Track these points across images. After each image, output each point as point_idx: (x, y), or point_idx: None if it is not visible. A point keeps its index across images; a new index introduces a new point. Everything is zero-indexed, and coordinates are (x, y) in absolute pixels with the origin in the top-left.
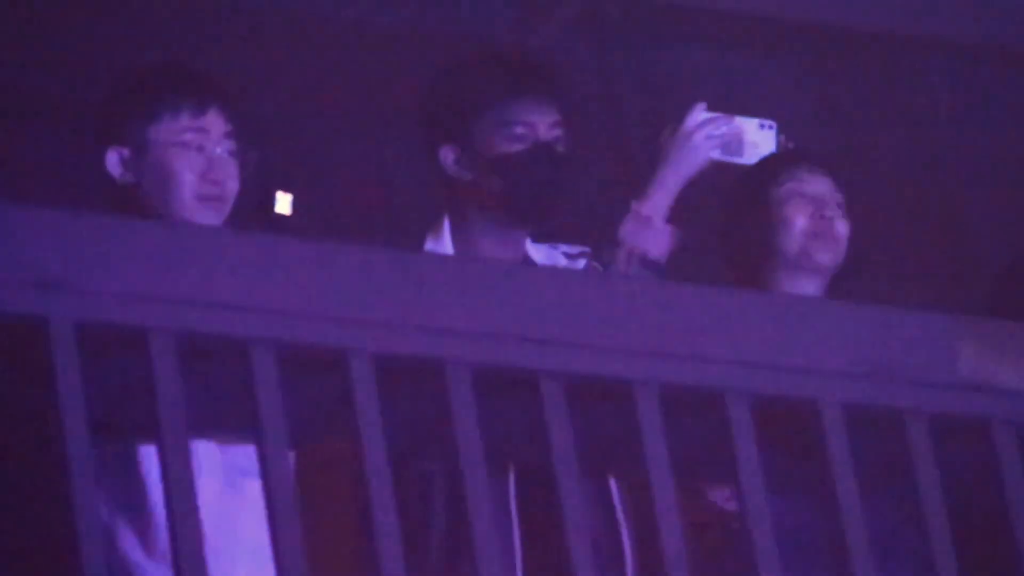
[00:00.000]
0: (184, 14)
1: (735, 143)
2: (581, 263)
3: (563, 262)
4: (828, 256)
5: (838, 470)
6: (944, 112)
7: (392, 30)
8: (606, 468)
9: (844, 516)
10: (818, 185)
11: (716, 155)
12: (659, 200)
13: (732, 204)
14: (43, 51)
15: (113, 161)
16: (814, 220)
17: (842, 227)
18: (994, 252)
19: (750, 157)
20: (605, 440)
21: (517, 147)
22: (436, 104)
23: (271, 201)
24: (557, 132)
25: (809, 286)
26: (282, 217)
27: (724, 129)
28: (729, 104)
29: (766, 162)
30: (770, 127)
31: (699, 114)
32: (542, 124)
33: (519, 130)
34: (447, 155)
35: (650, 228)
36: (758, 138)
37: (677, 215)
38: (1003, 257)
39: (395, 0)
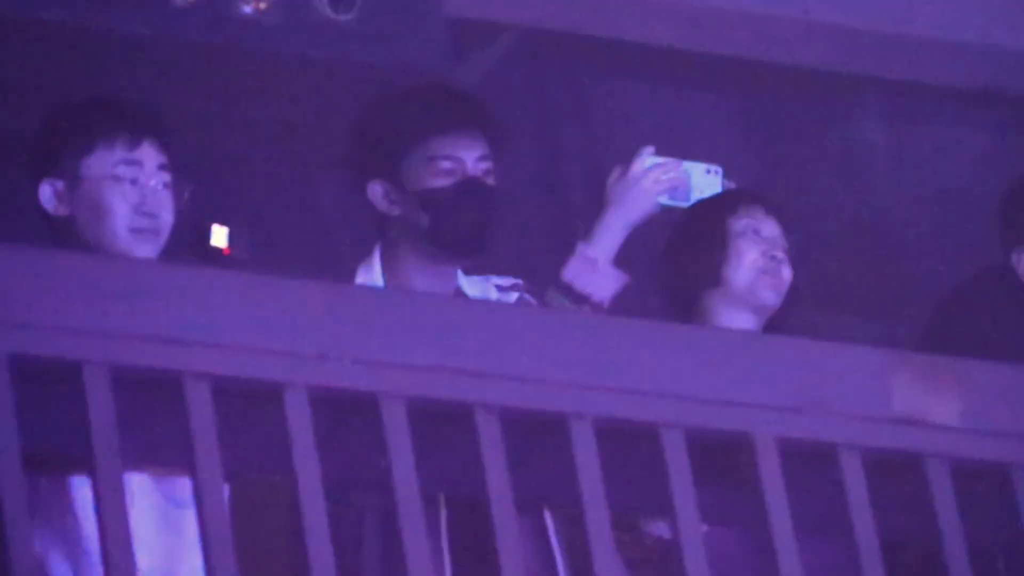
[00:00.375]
0: (120, 48)
1: (682, 188)
2: (513, 296)
3: (495, 295)
4: (772, 296)
5: (771, 503)
6: (880, 147)
7: (327, 63)
8: (541, 501)
9: (778, 549)
10: (771, 228)
11: (663, 199)
12: (606, 242)
13: (682, 231)
14: None
15: (47, 194)
16: (765, 259)
17: (787, 272)
18: (929, 286)
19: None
20: (540, 473)
21: (444, 182)
22: (364, 139)
23: (206, 234)
24: (486, 165)
25: (748, 322)
26: (217, 250)
27: (672, 174)
28: (665, 139)
29: (724, 196)
30: (716, 172)
31: (646, 158)
32: (470, 158)
33: (446, 164)
34: (376, 190)
35: (596, 270)
36: (704, 183)
37: (621, 258)
38: (938, 291)
39: (331, 33)
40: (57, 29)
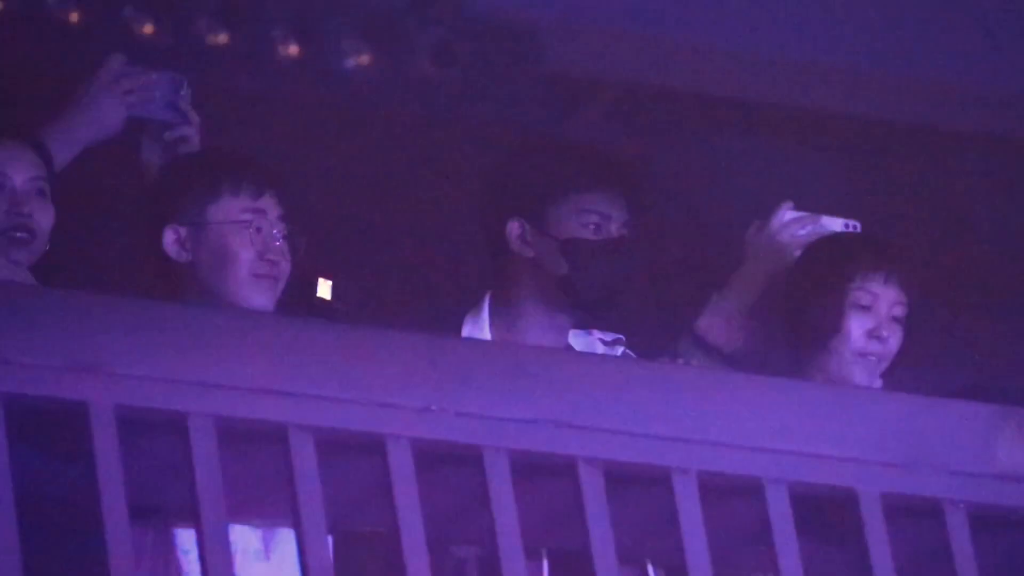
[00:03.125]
0: (229, 102)
1: None
2: (619, 350)
3: (600, 349)
4: (866, 378)
5: (876, 558)
6: (980, 201)
7: (430, 119)
8: (644, 554)
9: None
10: (889, 297)
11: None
12: (741, 295)
13: (801, 287)
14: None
15: (170, 240)
16: (868, 339)
17: (894, 342)
18: None
19: None
20: (643, 526)
21: (589, 236)
22: (511, 178)
23: (313, 286)
24: (625, 231)
25: (860, 377)
26: (324, 302)
27: (810, 228)
28: (771, 195)
29: (847, 257)
30: (854, 227)
31: (786, 213)
32: (616, 220)
33: (595, 220)
34: (513, 229)
35: (729, 322)
36: None
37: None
38: None
39: (434, 89)
40: None
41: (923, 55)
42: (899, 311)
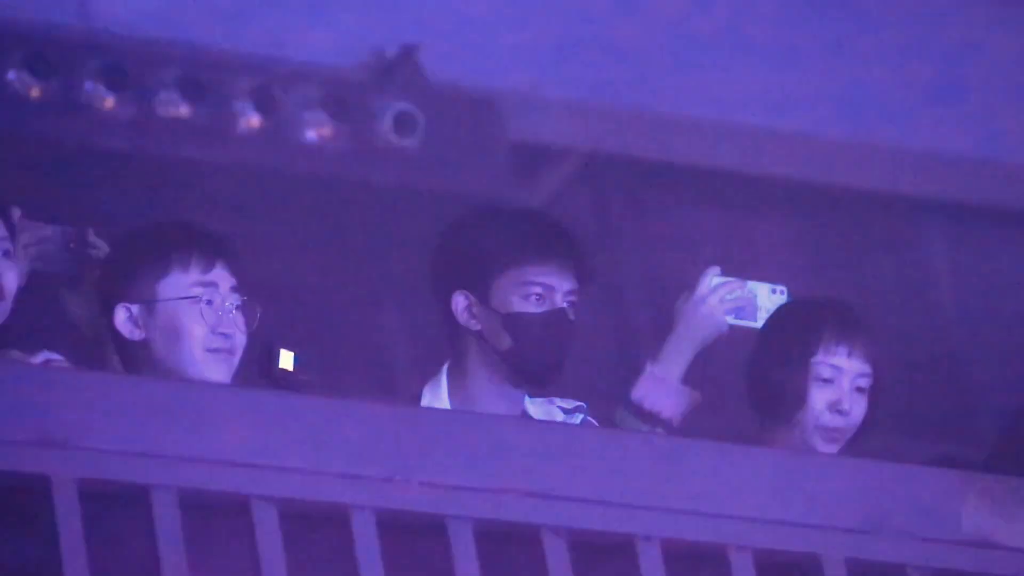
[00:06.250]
0: (184, 175)
1: (748, 307)
2: (578, 418)
3: (560, 416)
4: (831, 447)
5: None
6: (945, 269)
7: (391, 189)
8: None
9: None
10: (852, 368)
11: (731, 319)
12: (674, 362)
13: (764, 361)
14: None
15: (122, 318)
16: (831, 412)
17: (858, 413)
18: (995, 406)
19: (762, 321)
20: None
21: (532, 308)
22: (456, 251)
23: (274, 358)
24: (572, 299)
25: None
26: (285, 373)
27: (737, 294)
28: (732, 263)
29: (810, 329)
30: (781, 292)
31: (712, 279)
32: (561, 290)
33: (538, 291)
34: (459, 302)
35: (665, 389)
36: (770, 303)
37: (689, 377)
38: (1004, 411)
39: (395, 159)
40: (120, 158)
41: (883, 121)
42: (863, 383)
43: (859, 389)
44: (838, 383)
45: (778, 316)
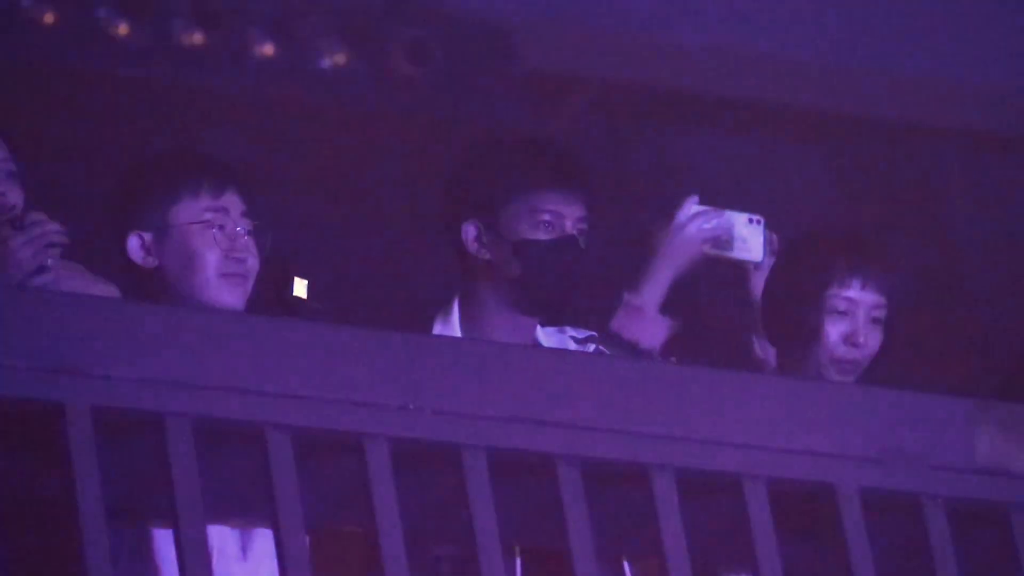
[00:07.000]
0: (200, 103)
1: (725, 236)
2: (590, 347)
3: (572, 346)
4: (846, 378)
5: (855, 554)
6: (956, 194)
7: (404, 117)
8: (621, 551)
9: None
10: (867, 301)
11: (706, 248)
12: (651, 291)
13: (777, 292)
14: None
15: (135, 246)
16: (846, 345)
17: (872, 345)
18: (1010, 333)
19: (740, 252)
20: (621, 523)
21: (543, 235)
22: (465, 180)
23: (287, 286)
24: (582, 227)
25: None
26: (298, 301)
27: (714, 223)
28: (737, 189)
29: (822, 263)
30: (758, 222)
31: (690, 207)
32: (570, 217)
33: (547, 219)
34: (469, 231)
35: (643, 319)
36: (747, 232)
37: (668, 306)
38: (1020, 339)
39: (408, 87)
40: (138, 84)
41: (901, 51)
42: (878, 314)
43: (874, 320)
44: (853, 315)
45: (792, 249)
